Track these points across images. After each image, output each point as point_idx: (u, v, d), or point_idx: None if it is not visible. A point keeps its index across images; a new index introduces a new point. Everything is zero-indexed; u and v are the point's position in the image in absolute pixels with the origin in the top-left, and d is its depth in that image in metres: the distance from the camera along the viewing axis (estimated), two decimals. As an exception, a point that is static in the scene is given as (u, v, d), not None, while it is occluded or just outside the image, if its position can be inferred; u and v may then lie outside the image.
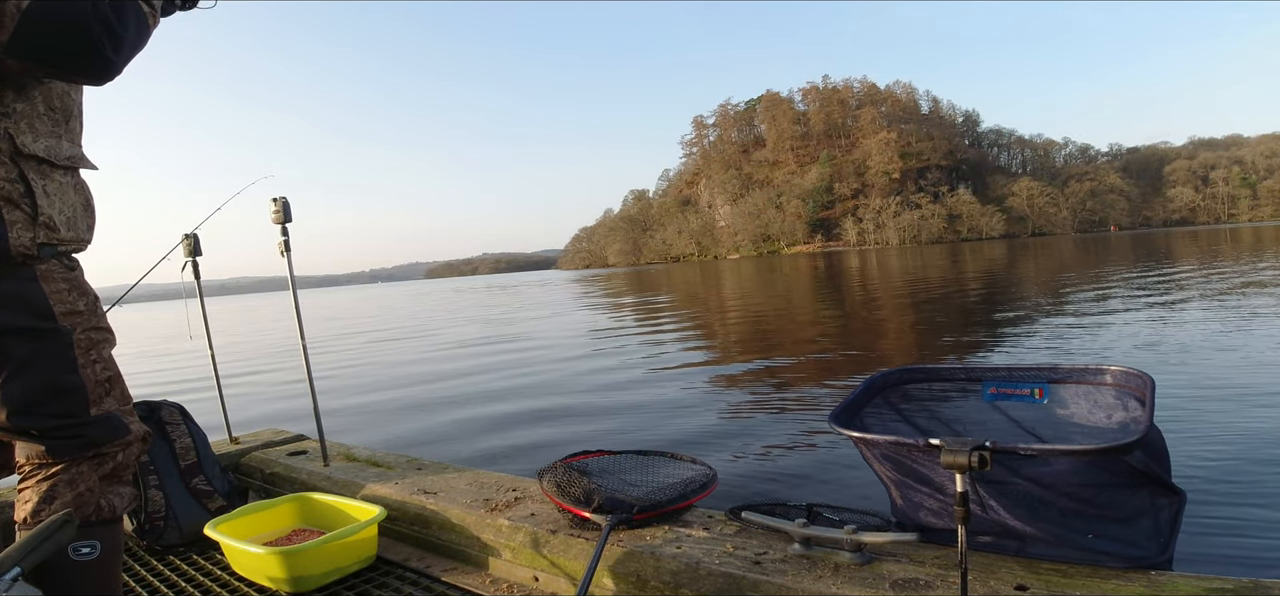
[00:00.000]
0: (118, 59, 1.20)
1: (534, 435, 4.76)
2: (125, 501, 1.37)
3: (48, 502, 1.27)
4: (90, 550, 1.28)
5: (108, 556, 1.32)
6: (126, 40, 1.20)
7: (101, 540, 1.31)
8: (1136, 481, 1.29)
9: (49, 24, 1.14)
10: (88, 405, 1.29)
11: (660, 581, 1.54)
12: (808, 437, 4.09)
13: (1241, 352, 5.60)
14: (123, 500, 1.36)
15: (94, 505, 1.30)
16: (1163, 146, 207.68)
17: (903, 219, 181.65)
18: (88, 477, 1.30)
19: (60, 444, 1.27)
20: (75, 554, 1.27)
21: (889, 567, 1.39)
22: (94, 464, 1.30)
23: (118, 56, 1.20)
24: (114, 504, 1.34)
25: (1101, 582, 1.24)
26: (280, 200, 2.46)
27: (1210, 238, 44.14)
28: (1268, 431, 3.47)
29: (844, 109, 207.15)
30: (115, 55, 1.19)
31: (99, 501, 1.31)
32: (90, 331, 1.30)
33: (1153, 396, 1.34)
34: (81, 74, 1.21)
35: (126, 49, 1.21)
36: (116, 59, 1.20)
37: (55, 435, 1.26)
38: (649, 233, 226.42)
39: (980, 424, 1.65)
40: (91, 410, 1.29)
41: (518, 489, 2.13)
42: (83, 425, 1.28)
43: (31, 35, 1.12)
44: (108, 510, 1.32)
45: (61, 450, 1.27)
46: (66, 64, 1.18)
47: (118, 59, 1.20)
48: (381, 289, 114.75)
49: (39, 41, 1.13)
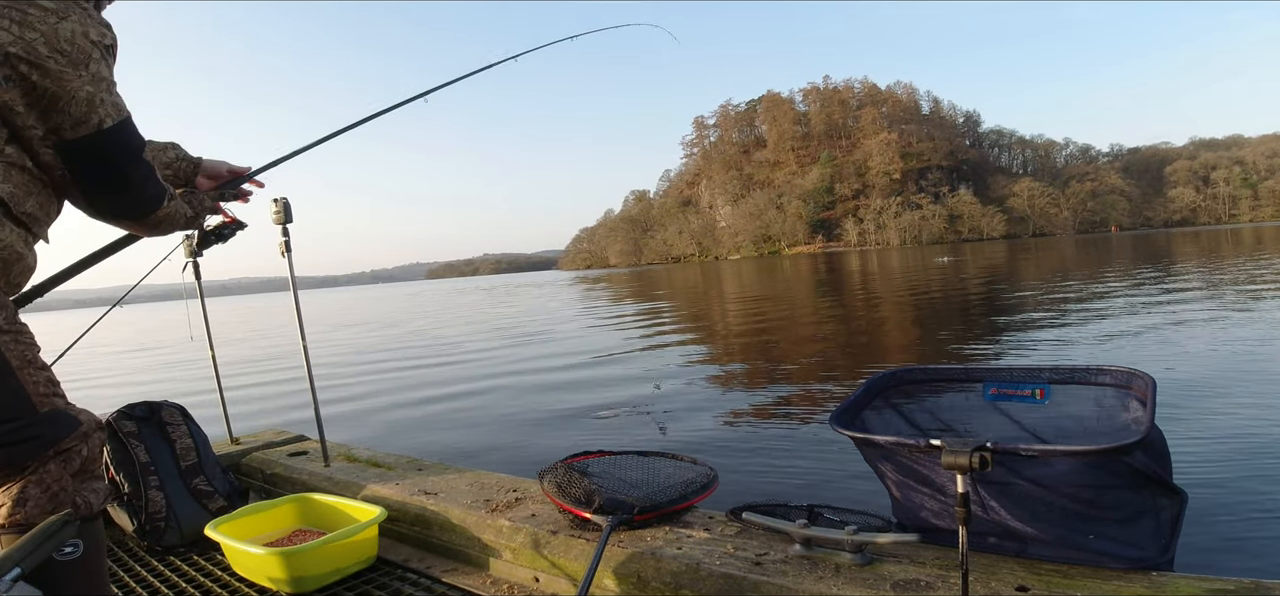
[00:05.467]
0: (136, 213, 1.36)
1: (534, 435, 4.76)
2: (101, 497, 1.36)
3: (21, 505, 1.26)
4: (73, 549, 1.26)
5: (91, 554, 1.31)
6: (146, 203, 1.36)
7: (83, 538, 1.29)
8: (1138, 482, 1.29)
9: (117, 152, 1.27)
10: (32, 406, 1.27)
11: (661, 582, 1.53)
12: (808, 438, 4.09)
13: (1243, 353, 5.60)
14: (98, 496, 1.35)
15: (69, 503, 1.29)
16: (1164, 147, 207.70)
17: (903, 219, 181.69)
18: (57, 476, 1.29)
19: (16, 450, 1.25)
20: (58, 554, 1.25)
21: (890, 568, 1.39)
22: (60, 462, 1.29)
23: (141, 216, 1.37)
24: (90, 500, 1.33)
25: (1103, 583, 1.24)
26: (281, 201, 2.46)
27: (1211, 238, 44.11)
28: (1269, 432, 3.47)
29: (845, 109, 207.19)
30: (140, 216, 1.37)
31: (74, 499, 1.30)
32: (11, 335, 1.27)
33: (1154, 397, 1.34)
34: (109, 210, 1.34)
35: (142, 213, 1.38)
36: (136, 213, 1.36)
37: (7, 442, 1.24)
38: (650, 233, 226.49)
39: (981, 424, 1.65)
40: (38, 408, 1.27)
41: (518, 489, 2.13)
42: (32, 425, 1.26)
43: (98, 152, 1.24)
44: (84, 507, 1.32)
45: (19, 456, 1.26)
46: (104, 192, 1.30)
47: (136, 213, 1.36)
48: (382, 290, 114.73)
49: (99, 162, 1.26)
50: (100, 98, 1.23)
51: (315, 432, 2.74)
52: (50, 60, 1.18)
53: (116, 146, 1.27)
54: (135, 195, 1.34)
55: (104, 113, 1.24)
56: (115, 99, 1.27)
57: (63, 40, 1.19)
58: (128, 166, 1.30)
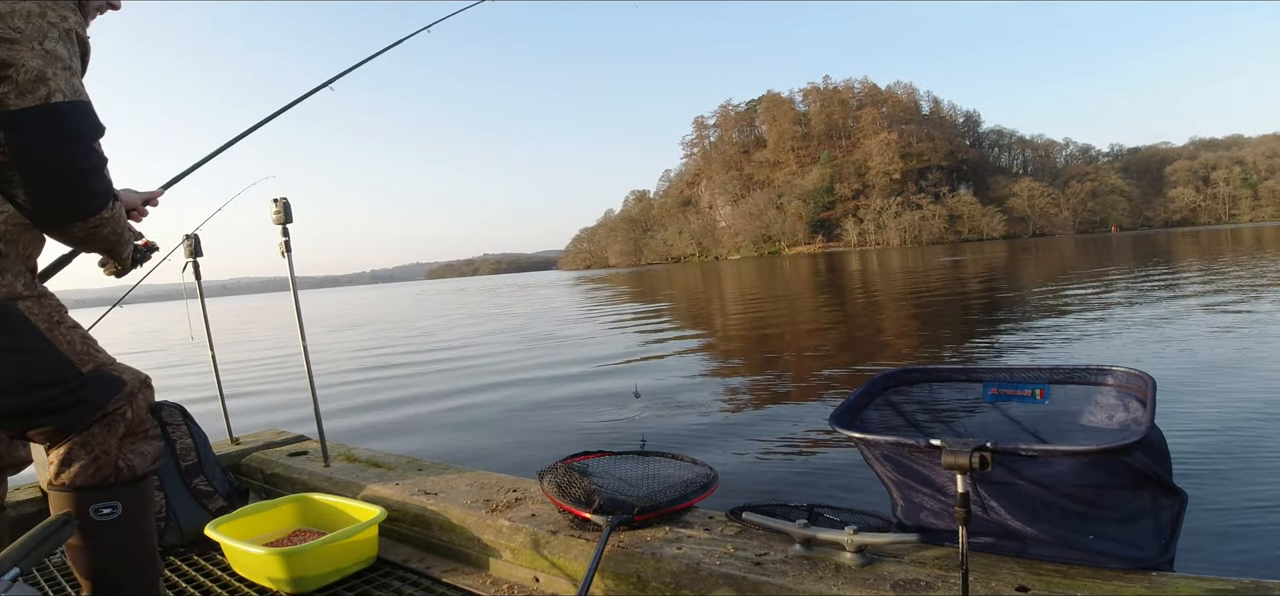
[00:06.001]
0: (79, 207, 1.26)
1: (534, 435, 4.76)
2: (149, 459, 1.36)
3: (67, 466, 1.28)
4: (111, 510, 1.29)
5: (132, 516, 1.33)
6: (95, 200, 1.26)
7: (122, 500, 1.31)
8: (1138, 482, 1.28)
9: (64, 132, 1.18)
10: (75, 367, 1.28)
11: (661, 582, 1.53)
12: (809, 438, 4.09)
13: (1243, 353, 5.60)
14: (144, 458, 1.36)
15: (112, 466, 1.30)
16: (1164, 147, 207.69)
17: (903, 219, 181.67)
18: (102, 440, 1.29)
19: (63, 416, 1.26)
20: (96, 514, 1.29)
21: (890, 568, 1.39)
22: (104, 425, 1.30)
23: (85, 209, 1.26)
24: (133, 463, 1.33)
25: (1103, 583, 1.24)
26: (281, 201, 2.46)
27: (1211, 238, 44.10)
28: (1269, 432, 3.47)
29: (845, 109, 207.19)
30: (83, 207, 1.26)
31: (117, 462, 1.31)
32: (37, 301, 1.28)
33: (1154, 397, 1.34)
34: (49, 206, 1.23)
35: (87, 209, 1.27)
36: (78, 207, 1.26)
37: (55, 408, 1.25)
38: (650, 233, 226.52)
39: (981, 424, 1.65)
40: (81, 368, 1.29)
41: (518, 489, 2.13)
42: (80, 388, 1.27)
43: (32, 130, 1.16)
44: (127, 470, 1.32)
45: (68, 422, 1.27)
46: (45, 178, 1.19)
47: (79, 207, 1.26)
48: (383, 290, 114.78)
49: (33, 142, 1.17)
50: (53, 73, 1.18)
51: (315, 432, 2.74)
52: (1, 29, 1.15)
53: (64, 124, 1.19)
54: (77, 188, 1.23)
55: (55, 86, 1.18)
56: (73, 81, 1.22)
57: (18, 16, 1.17)
58: (74, 150, 1.21)
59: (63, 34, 1.22)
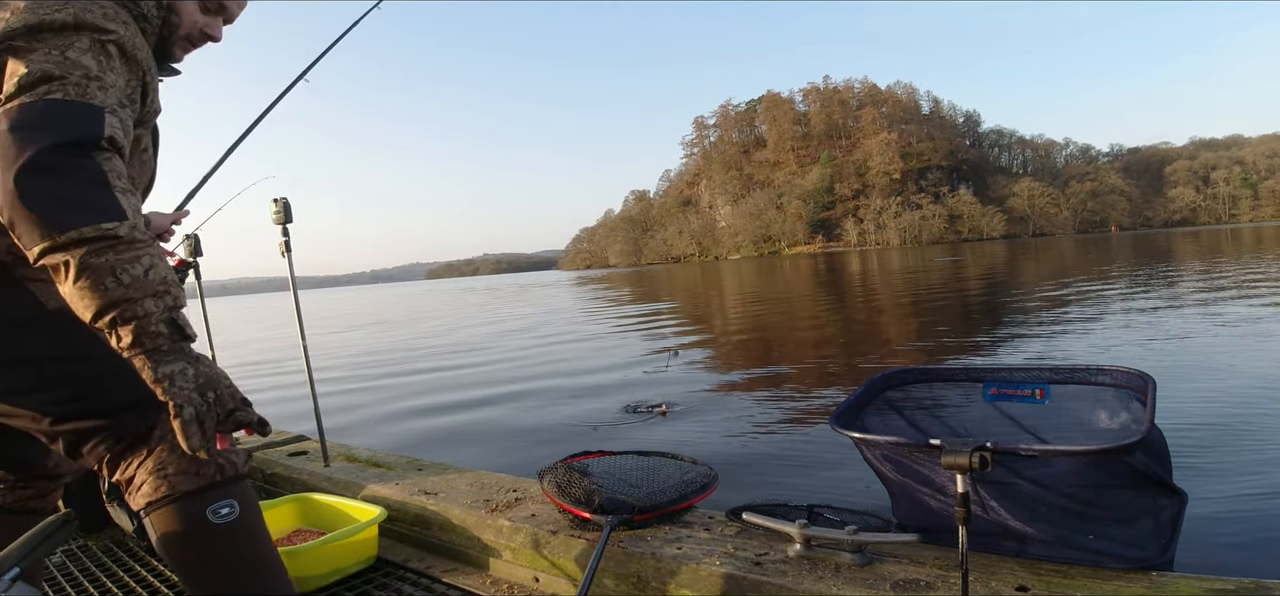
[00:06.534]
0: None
1: (534, 435, 4.76)
2: (242, 459, 1.23)
3: (163, 476, 1.13)
4: (229, 510, 1.15)
5: (248, 515, 1.19)
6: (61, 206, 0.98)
7: (235, 498, 1.17)
8: (1138, 482, 1.29)
9: (50, 126, 0.97)
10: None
11: (661, 582, 1.53)
12: (808, 438, 4.09)
13: (1244, 353, 5.60)
14: (239, 458, 1.22)
15: (212, 464, 1.16)
16: (1164, 147, 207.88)
17: (903, 219, 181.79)
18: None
19: (123, 419, 1.14)
20: (214, 516, 1.14)
21: (890, 568, 1.39)
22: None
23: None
24: (233, 459, 1.20)
25: (1103, 583, 1.24)
26: (281, 201, 2.46)
27: (1211, 238, 44.12)
28: (1269, 431, 3.47)
29: (845, 109, 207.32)
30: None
31: (216, 460, 1.17)
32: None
33: (1154, 397, 1.34)
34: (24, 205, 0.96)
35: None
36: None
37: (109, 415, 1.14)
38: (650, 233, 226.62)
39: (981, 424, 1.65)
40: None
41: (518, 489, 2.13)
42: (137, 388, 1.09)
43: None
44: (229, 468, 1.19)
45: (127, 439, 1.15)
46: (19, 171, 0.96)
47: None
48: (384, 290, 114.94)
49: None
50: (60, 74, 1.02)
51: (315, 432, 2.74)
52: (24, 44, 1.03)
53: (53, 118, 0.98)
54: (22, 186, 0.94)
55: (58, 88, 1.01)
56: (90, 88, 1.04)
57: (46, 25, 1.04)
58: (47, 144, 0.96)
59: (95, 45, 1.07)
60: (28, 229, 0.95)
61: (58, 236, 0.95)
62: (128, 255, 0.99)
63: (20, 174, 0.95)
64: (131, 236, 1.00)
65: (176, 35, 1.31)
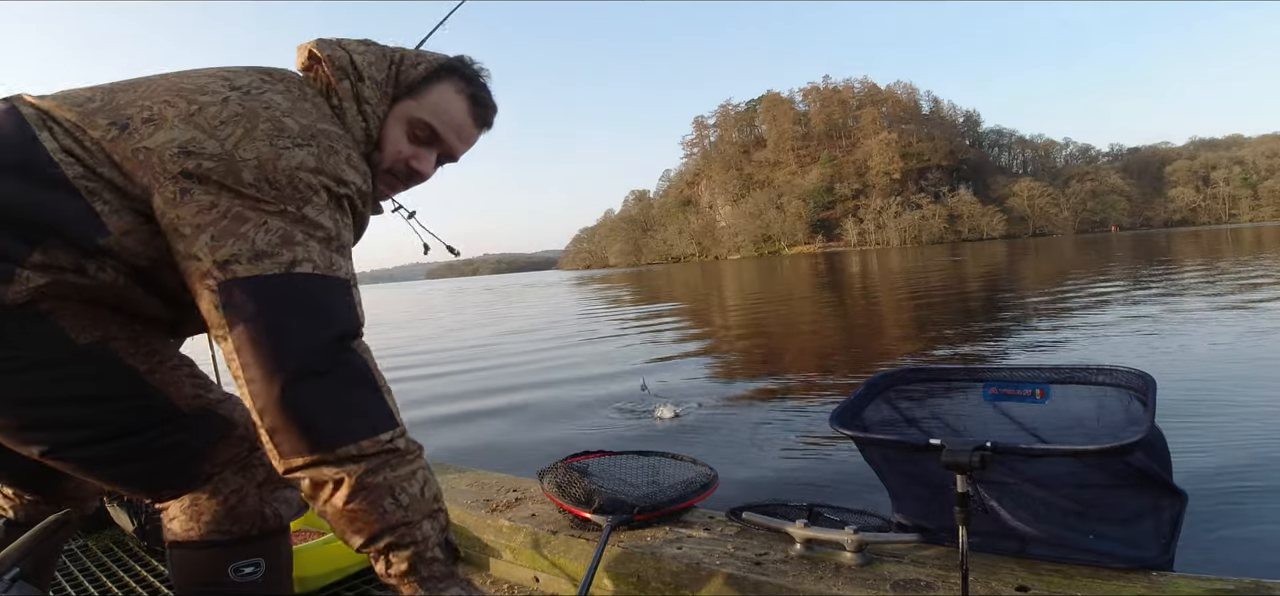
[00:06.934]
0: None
1: (534, 435, 4.76)
2: (294, 507, 1.10)
3: (195, 519, 1.02)
4: (253, 569, 1.04)
5: (274, 577, 1.07)
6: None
7: (264, 556, 1.06)
8: (1138, 482, 1.28)
9: (307, 309, 0.88)
10: (173, 404, 1.00)
11: (661, 582, 1.53)
12: (808, 438, 4.09)
13: (1243, 353, 5.60)
14: (290, 507, 1.09)
15: (257, 515, 1.05)
16: (1163, 147, 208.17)
17: (903, 219, 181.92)
18: (236, 483, 1.03)
19: (150, 463, 1.00)
20: (236, 573, 1.03)
21: (890, 568, 1.39)
22: (240, 469, 1.05)
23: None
24: (280, 511, 1.07)
25: (1103, 583, 1.24)
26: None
27: (1211, 238, 44.13)
28: (1269, 431, 3.47)
29: (845, 109, 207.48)
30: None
31: (262, 510, 1.05)
32: (132, 341, 1.01)
33: (1154, 397, 1.34)
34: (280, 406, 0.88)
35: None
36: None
37: (142, 458, 0.99)
38: (650, 233, 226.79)
39: (981, 424, 1.65)
40: (182, 406, 1.00)
41: (518, 489, 2.13)
42: (177, 430, 1.00)
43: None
44: (273, 519, 1.06)
45: (163, 480, 1.02)
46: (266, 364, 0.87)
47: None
48: (385, 290, 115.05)
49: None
50: (301, 237, 0.89)
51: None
52: (251, 188, 0.89)
53: (308, 300, 0.88)
54: (322, 397, 0.86)
55: (303, 254, 0.89)
56: (330, 254, 0.92)
57: (280, 171, 0.90)
58: (314, 341, 0.87)
59: (334, 201, 0.95)
60: (293, 439, 0.85)
61: (332, 451, 0.86)
62: (405, 470, 0.91)
63: (291, 378, 0.85)
64: (407, 448, 0.92)
65: (379, 170, 1.13)
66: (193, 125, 0.91)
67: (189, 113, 0.92)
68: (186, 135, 0.90)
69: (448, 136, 1.16)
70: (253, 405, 0.87)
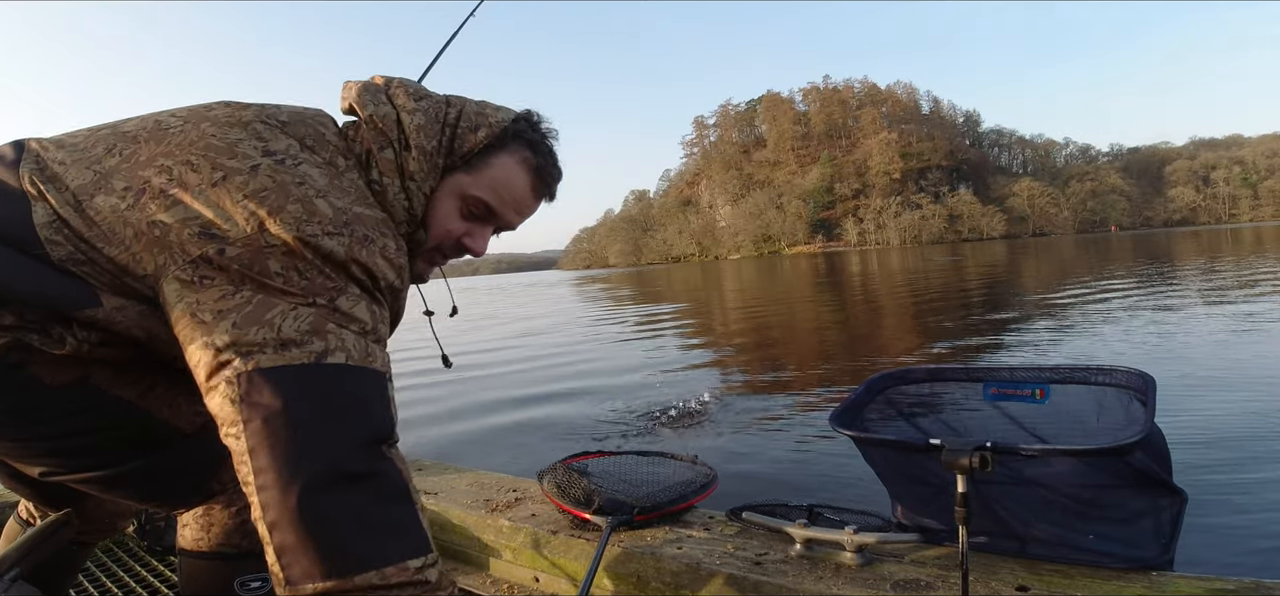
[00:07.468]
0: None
1: (534, 435, 4.76)
2: None
3: (206, 529, 1.02)
4: (260, 584, 1.01)
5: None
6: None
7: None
8: (1138, 482, 1.28)
9: (339, 405, 0.78)
10: (174, 426, 0.97)
11: (661, 582, 1.53)
12: (808, 438, 4.09)
13: (1243, 353, 5.60)
14: None
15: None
16: (1163, 147, 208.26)
17: (903, 219, 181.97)
18: (247, 496, 1.03)
19: (169, 491, 1.00)
20: (242, 588, 1.01)
21: (890, 568, 1.39)
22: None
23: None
24: None
25: (1102, 583, 1.24)
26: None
27: (1211, 238, 44.13)
28: (1269, 431, 3.47)
29: (845, 109, 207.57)
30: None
31: None
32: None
33: (1154, 396, 1.34)
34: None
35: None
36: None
37: (147, 480, 0.98)
38: (650, 233, 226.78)
39: (981, 424, 1.65)
40: (184, 427, 0.97)
41: (518, 490, 2.13)
42: (180, 452, 0.98)
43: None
44: None
45: (179, 498, 1.02)
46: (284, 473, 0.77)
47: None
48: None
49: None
50: (334, 327, 0.80)
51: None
52: (278, 278, 0.80)
53: (339, 394, 0.78)
54: (346, 512, 0.75)
55: (335, 343, 0.80)
56: (365, 343, 0.83)
57: (309, 263, 0.82)
58: (344, 443, 0.76)
59: (370, 288, 0.86)
60: (306, 560, 0.73)
61: (353, 577, 0.73)
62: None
63: (312, 485, 0.73)
64: (439, 582, 0.79)
65: (423, 248, 1.05)
66: (216, 200, 0.82)
67: (213, 180, 0.83)
68: (210, 213, 0.81)
69: (505, 213, 1.07)
70: (262, 517, 0.75)
